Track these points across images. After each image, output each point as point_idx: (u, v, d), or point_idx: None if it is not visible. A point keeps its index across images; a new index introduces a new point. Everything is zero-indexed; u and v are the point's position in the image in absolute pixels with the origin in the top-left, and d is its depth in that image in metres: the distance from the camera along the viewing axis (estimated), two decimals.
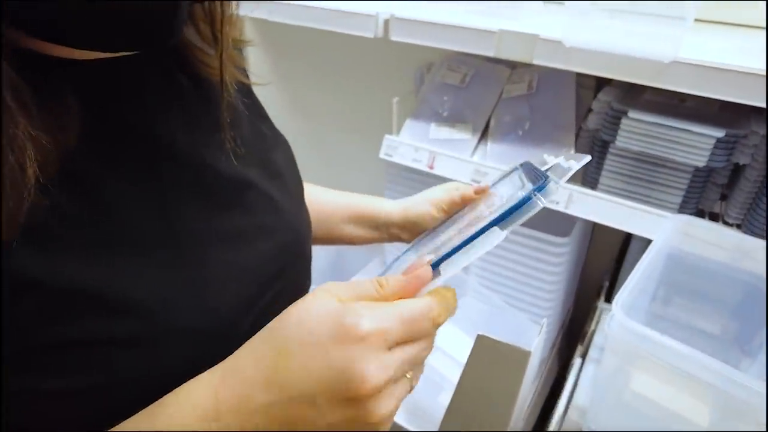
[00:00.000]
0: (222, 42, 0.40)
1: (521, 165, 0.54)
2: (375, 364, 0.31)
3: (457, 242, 0.38)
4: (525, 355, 0.83)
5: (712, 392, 0.63)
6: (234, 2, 0.42)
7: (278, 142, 0.54)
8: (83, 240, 0.34)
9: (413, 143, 1.02)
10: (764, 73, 0.66)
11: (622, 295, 0.63)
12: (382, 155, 1.06)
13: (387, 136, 1.06)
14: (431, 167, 1.00)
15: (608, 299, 1.05)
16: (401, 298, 0.35)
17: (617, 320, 0.61)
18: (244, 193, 0.45)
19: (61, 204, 0.33)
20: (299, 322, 0.33)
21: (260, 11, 1.07)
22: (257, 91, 0.53)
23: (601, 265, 1.28)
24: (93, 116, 0.35)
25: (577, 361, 0.97)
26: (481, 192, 0.59)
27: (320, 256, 1.35)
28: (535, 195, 0.37)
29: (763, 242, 0.77)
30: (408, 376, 0.34)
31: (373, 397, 0.31)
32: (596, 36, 0.75)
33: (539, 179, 0.40)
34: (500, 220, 0.37)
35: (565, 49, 0.77)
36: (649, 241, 0.97)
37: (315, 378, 0.32)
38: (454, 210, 0.61)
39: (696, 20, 0.74)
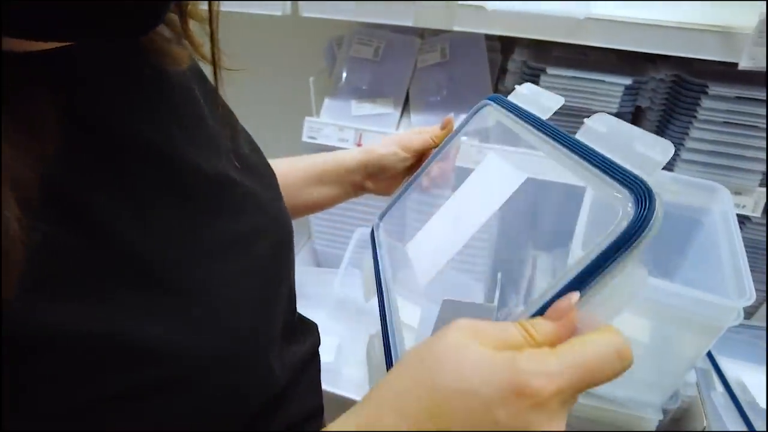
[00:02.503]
0: (214, 30, 0.35)
1: (493, 100, 0.54)
2: (554, 426, 0.26)
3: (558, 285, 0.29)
4: (490, 311, 0.86)
5: (655, 308, 0.71)
6: None
7: (241, 130, 0.50)
8: (83, 275, 0.29)
9: (337, 122, 1.00)
10: (668, 24, 0.74)
11: (578, 239, 0.68)
12: (305, 138, 1.03)
13: (308, 119, 1.02)
14: (359, 145, 0.99)
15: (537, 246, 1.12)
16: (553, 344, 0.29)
17: None
18: (229, 193, 0.41)
19: (50, 234, 0.28)
20: (458, 371, 0.27)
21: None
22: None
23: None
24: (66, 116, 0.30)
25: (519, 309, 1.04)
26: (448, 124, 0.59)
27: None
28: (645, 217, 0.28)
29: (670, 174, 0.87)
30: None
31: None
32: None
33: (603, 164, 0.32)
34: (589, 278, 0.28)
35: (486, 13, 0.79)
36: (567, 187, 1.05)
37: None
38: (423, 152, 0.60)
39: None
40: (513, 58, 0.91)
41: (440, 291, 1.07)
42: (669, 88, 0.88)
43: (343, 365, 1.05)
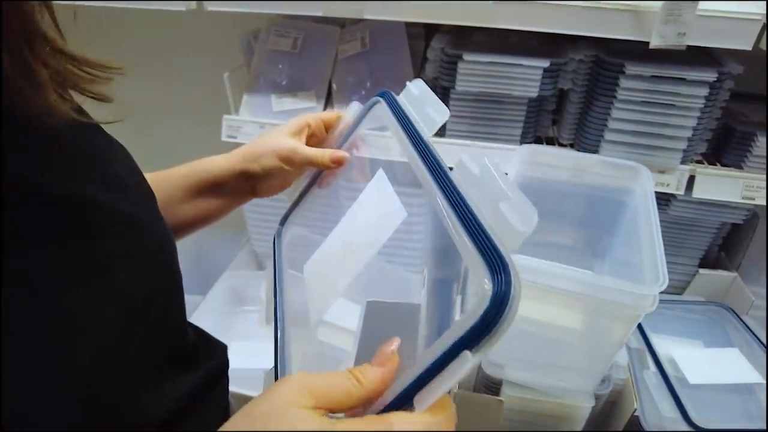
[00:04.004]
0: None
1: (382, 96, 0.52)
2: None
3: (419, 370, 0.30)
4: (415, 310, 0.84)
5: (584, 300, 0.70)
6: None
7: (114, 150, 0.46)
8: None
9: (257, 120, 0.96)
10: (579, 4, 0.72)
11: None
12: (224, 138, 0.98)
13: (226, 117, 0.97)
14: None
15: None
16: (380, 390, 0.32)
17: None
18: (86, 217, 0.37)
19: None
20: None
21: None
22: None
23: None
24: None
25: (457, 299, 1.02)
26: (338, 163, 0.56)
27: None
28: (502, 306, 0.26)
29: (595, 157, 0.87)
30: None
31: None
32: None
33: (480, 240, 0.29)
34: (470, 342, 0.27)
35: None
36: None
37: None
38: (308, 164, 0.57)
39: None
40: (432, 45, 0.88)
41: (377, 286, 1.05)
42: (589, 69, 0.86)
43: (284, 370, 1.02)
